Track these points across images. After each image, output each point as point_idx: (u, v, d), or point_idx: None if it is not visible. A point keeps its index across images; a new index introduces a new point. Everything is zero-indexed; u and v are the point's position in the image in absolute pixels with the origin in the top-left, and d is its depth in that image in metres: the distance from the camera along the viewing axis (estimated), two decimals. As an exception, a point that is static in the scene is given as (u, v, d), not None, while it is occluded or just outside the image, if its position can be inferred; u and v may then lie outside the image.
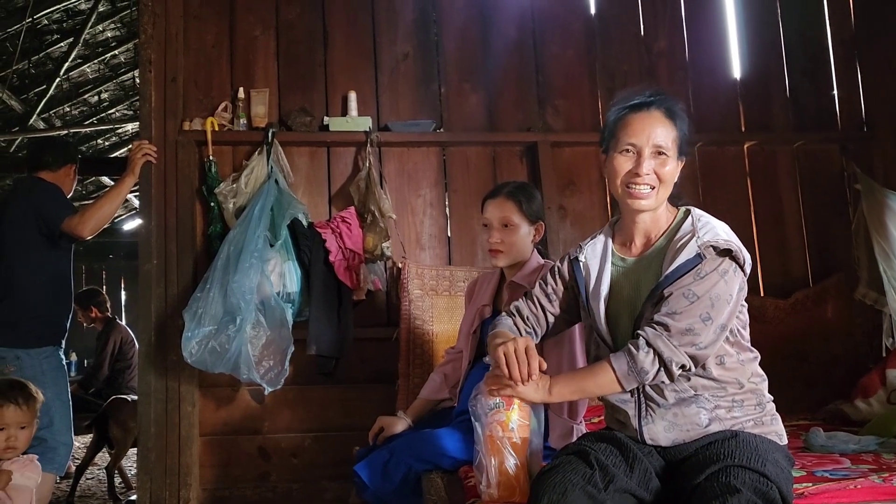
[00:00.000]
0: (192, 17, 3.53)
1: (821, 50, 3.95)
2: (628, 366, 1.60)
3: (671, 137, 1.70)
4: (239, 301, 2.97)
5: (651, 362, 1.59)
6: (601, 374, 1.64)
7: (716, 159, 3.74)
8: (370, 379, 3.38)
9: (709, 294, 1.60)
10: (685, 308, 1.59)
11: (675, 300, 1.61)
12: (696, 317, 1.59)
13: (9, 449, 2.24)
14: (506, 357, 1.63)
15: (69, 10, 6.43)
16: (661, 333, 1.59)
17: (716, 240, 1.62)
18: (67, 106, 8.02)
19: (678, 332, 1.58)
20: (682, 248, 1.64)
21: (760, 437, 1.62)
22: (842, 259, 3.74)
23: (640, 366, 1.59)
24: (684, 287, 1.61)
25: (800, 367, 3.41)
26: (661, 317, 1.60)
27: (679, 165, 1.74)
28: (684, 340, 1.58)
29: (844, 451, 2.32)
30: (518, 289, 2.34)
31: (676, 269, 1.62)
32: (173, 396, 3.25)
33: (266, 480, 3.33)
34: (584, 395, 1.67)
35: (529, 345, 1.65)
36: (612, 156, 1.73)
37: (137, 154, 3.23)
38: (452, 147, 3.63)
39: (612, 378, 1.62)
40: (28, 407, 2.29)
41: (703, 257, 1.61)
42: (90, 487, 4.74)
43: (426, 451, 2.17)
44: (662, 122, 1.70)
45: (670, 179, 1.71)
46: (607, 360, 1.63)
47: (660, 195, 1.71)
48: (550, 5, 3.80)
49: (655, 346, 1.58)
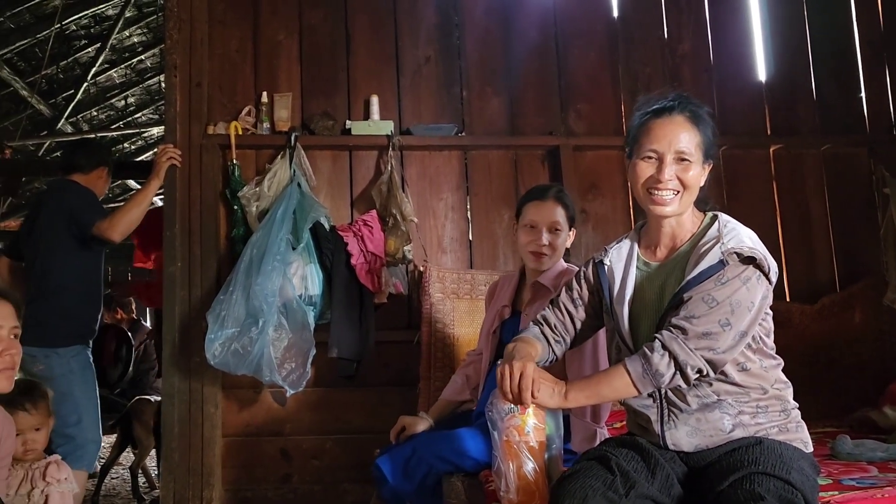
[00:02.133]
0: (216, 22, 3.56)
1: (848, 51, 3.90)
2: (643, 368, 1.58)
3: (694, 142, 1.68)
4: (261, 303, 2.99)
5: (666, 365, 1.56)
6: (616, 377, 1.61)
7: (741, 163, 3.70)
8: (391, 382, 3.39)
9: (729, 300, 1.57)
10: (704, 312, 1.57)
11: (694, 304, 1.59)
12: (714, 322, 1.56)
13: (28, 451, 2.28)
14: (501, 377, 1.64)
15: (97, 15, 6.53)
16: (676, 336, 1.57)
17: (740, 246, 1.60)
18: (94, 110, 8.14)
19: (695, 336, 1.56)
20: (705, 254, 1.62)
21: (785, 444, 1.60)
22: (870, 264, 3.67)
23: (655, 368, 1.56)
24: (704, 292, 1.59)
25: (826, 373, 3.36)
26: (679, 320, 1.59)
27: (705, 170, 1.72)
28: (701, 344, 1.56)
29: (872, 459, 2.28)
30: (541, 289, 2.34)
31: (698, 275, 1.60)
32: (196, 397, 3.29)
33: (288, 482, 3.35)
34: (600, 399, 1.65)
35: (526, 371, 1.61)
36: (635, 162, 1.71)
37: (162, 158, 3.27)
38: (474, 151, 3.63)
39: (628, 381, 1.59)
40: (37, 410, 2.32)
41: (725, 263, 1.59)
42: (115, 487, 4.79)
43: (448, 450, 2.16)
44: (685, 126, 1.68)
45: (694, 184, 1.69)
46: (622, 364, 1.61)
47: (683, 200, 1.69)
48: (573, 8, 3.79)
49: (671, 348, 1.56)
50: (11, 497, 2.16)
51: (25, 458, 2.27)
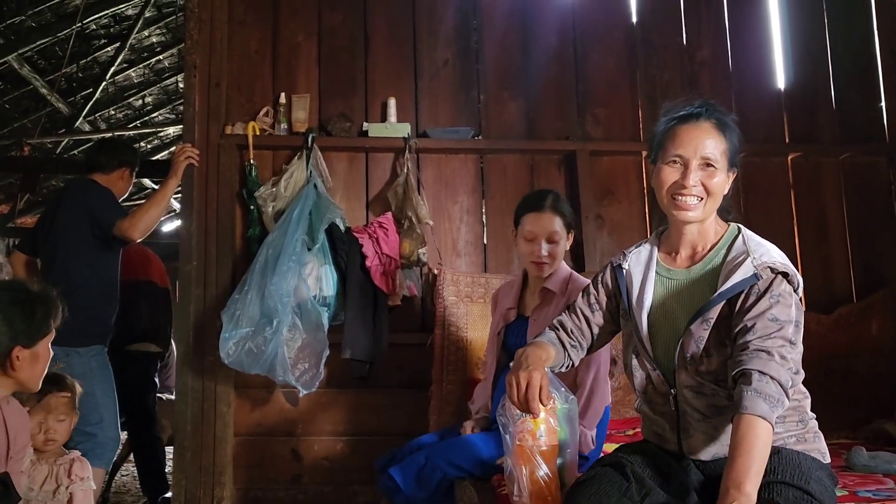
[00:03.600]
0: (236, 22, 3.59)
1: (868, 60, 3.87)
2: (769, 405, 1.46)
3: (720, 149, 1.67)
4: (276, 303, 3.00)
5: (777, 391, 1.48)
6: (760, 434, 1.44)
7: (759, 171, 3.68)
8: (404, 384, 3.39)
9: (789, 317, 1.54)
10: (775, 331, 1.53)
11: (762, 326, 1.53)
12: (786, 340, 1.53)
13: (48, 441, 2.27)
14: (509, 387, 1.64)
15: (117, 15, 6.58)
16: (768, 360, 1.50)
17: (773, 262, 1.59)
18: (112, 109, 8.21)
19: (779, 357, 1.51)
20: (736, 267, 1.60)
21: (803, 454, 1.59)
22: (887, 275, 3.64)
23: (775, 397, 1.47)
24: (764, 312, 1.54)
25: (842, 384, 3.32)
26: (757, 343, 1.52)
27: (729, 178, 1.71)
28: (784, 362, 1.51)
29: (888, 472, 2.26)
30: (549, 294, 2.37)
31: (731, 287, 1.58)
32: (209, 396, 3.30)
33: (298, 482, 3.35)
34: (763, 463, 1.44)
35: (532, 380, 1.60)
36: (660, 167, 1.70)
37: (181, 157, 3.29)
38: (490, 155, 3.63)
39: (766, 426, 1.44)
40: (66, 398, 2.32)
41: (759, 277, 1.57)
42: (125, 484, 4.81)
43: (461, 457, 2.17)
44: (711, 133, 1.67)
45: (719, 192, 1.67)
46: (748, 417, 1.44)
47: (707, 207, 1.67)
48: (592, 13, 3.78)
49: (771, 373, 1.48)
50: (36, 492, 2.16)
51: (45, 449, 2.27)
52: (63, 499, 2.20)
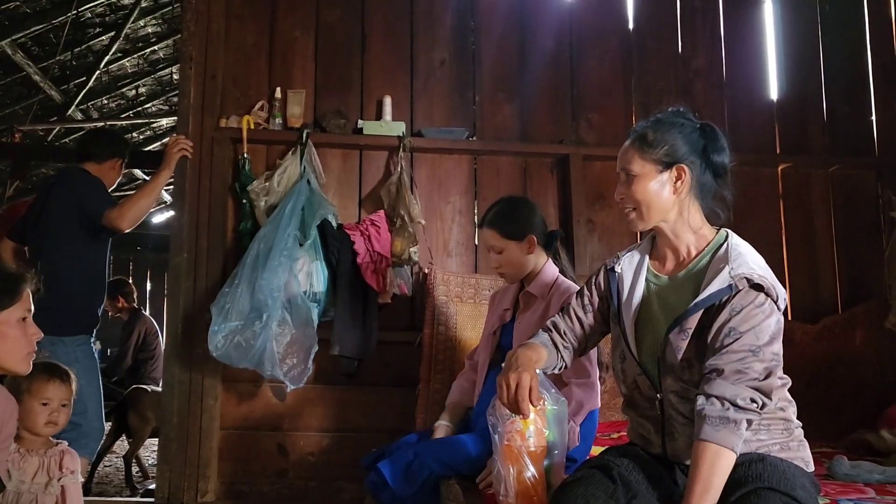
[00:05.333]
0: (233, 16, 3.58)
1: (860, 74, 3.91)
2: (710, 424, 1.48)
3: (638, 155, 1.71)
4: (266, 298, 3.00)
5: (722, 409, 1.49)
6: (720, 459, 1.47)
7: (749, 180, 3.70)
8: (391, 382, 3.40)
9: (752, 328, 1.54)
10: (729, 345, 1.54)
11: (720, 341, 1.55)
12: (745, 351, 1.53)
13: (49, 423, 2.26)
14: (499, 388, 1.66)
15: (112, 4, 6.54)
16: (713, 378, 1.52)
17: (750, 273, 1.58)
18: (105, 98, 8.15)
19: (732, 372, 1.52)
20: (714, 277, 1.61)
21: (787, 461, 1.60)
22: (873, 287, 3.68)
23: (716, 414, 1.49)
24: (725, 325, 1.56)
25: (825, 393, 3.36)
26: (712, 361, 1.54)
27: (675, 177, 1.70)
28: (741, 377, 1.51)
29: (869, 481, 2.28)
30: (531, 298, 2.41)
31: (707, 297, 1.59)
32: (196, 389, 3.29)
33: (283, 477, 3.35)
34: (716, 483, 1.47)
35: (522, 381, 1.62)
36: None
37: (174, 148, 3.28)
38: (484, 156, 3.64)
39: (728, 452, 1.47)
40: (69, 385, 2.32)
41: (733, 288, 1.57)
42: (108, 475, 4.80)
43: (450, 456, 2.17)
44: (629, 147, 1.74)
45: (648, 197, 1.70)
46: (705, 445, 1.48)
47: (646, 214, 1.72)
48: (589, 19, 3.80)
49: (714, 393, 1.50)
50: (28, 485, 2.14)
51: (43, 433, 2.25)
52: (55, 491, 2.18)
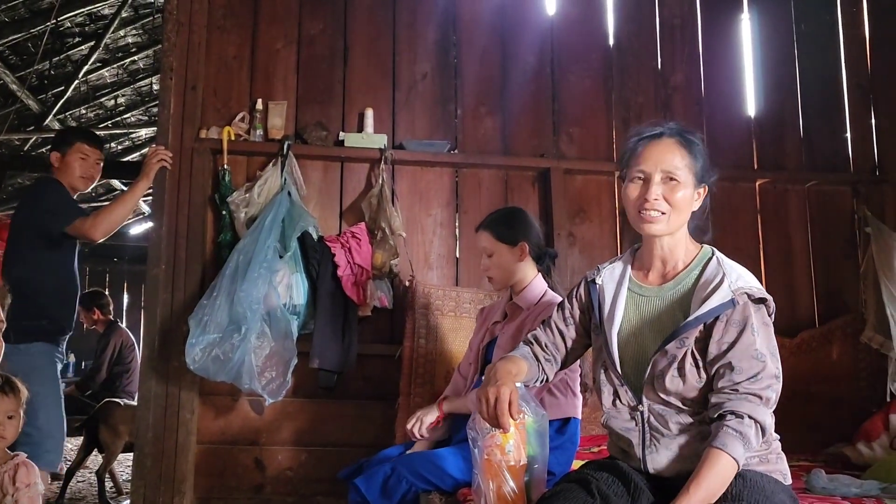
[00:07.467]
0: (215, 27, 3.57)
1: (836, 92, 3.98)
2: (744, 447, 1.51)
3: (683, 163, 1.70)
4: (245, 310, 2.97)
5: (755, 434, 1.54)
6: (723, 468, 1.50)
7: (727, 195, 3.75)
8: (371, 396, 3.37)
9: (768, 348, 1.58)
10: (761, 370, 1.56)
11: (748, 365, 1.56)
12: (772, 377, 1.57)
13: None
14: (478, 402, 1.65)
15: (93, 14, 6.49)
16: (757, 405, 1.54)
17: (749, 287, 1.62)
18: (83, 108, 8.07)
19: (767, 399, 1.56)
20: (713, 291, 1.62)
21: (766, 475, 1.61)
22: (849, 301, 3.73)
23: (752, 439, 1.53)
24: (748, 348, 1.57)
25: (803, 407, 3.38)
26: (748, 386, 1.55)
27: (698, 195, 1.74)
28: (771, 403, 1.57)
29: (846, 495, 2.30)
30: (517, 310, 2.40)
31: (708, 312, 1.60)
32: (173, 402, 3.24)
33: (260, 492, 3.31)
34: (715, 497, 1.50)
35: (501, 395, 1.61)
36: (626, 184, 1.75)
37: (153, 159, 3.25)
38: (465, 169, 3.65)
39: (733, 464, 1.50)
40: (14, 396, 2.29)
41: (735, 303, 1.59)
42: (80, 490, 4.71)
43: (428, 470, 2.16)
44: (673, 148, 1.71)
45: (683, 206, 1.70)
46: (720, 453, 1.50)
47: (672, 221, 1.70)
48: (570, 35, 3.84)
49: (758, 418, 1.53)
50: None
51: None
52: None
